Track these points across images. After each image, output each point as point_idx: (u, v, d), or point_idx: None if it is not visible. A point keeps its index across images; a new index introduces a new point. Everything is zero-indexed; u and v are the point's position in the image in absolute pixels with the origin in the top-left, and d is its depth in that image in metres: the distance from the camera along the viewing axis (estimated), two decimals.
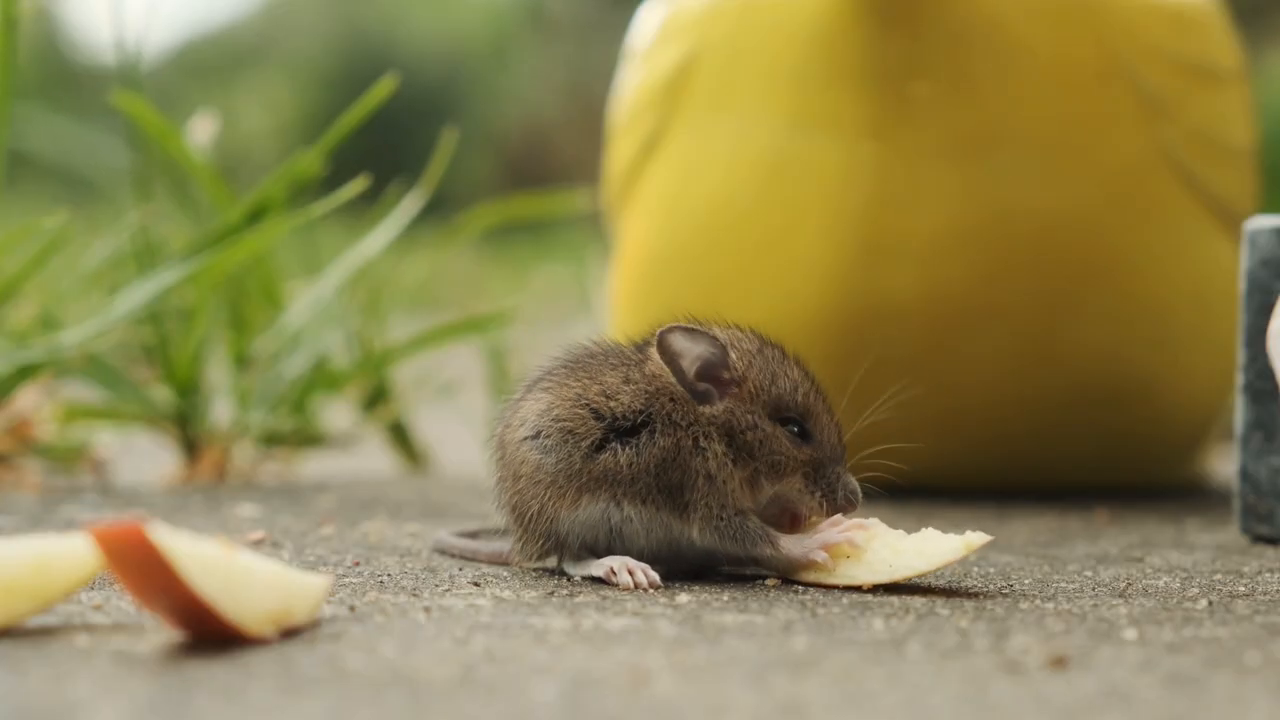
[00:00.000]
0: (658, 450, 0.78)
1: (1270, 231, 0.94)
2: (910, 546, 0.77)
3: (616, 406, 0.79)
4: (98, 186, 2.35)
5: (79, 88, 5.65)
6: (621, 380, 0.79)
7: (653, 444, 0.78)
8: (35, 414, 1.18)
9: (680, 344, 0.79)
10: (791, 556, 0.78)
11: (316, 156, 1.18)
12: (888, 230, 1.10)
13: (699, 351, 0.79)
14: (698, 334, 0.79)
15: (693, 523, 0.78)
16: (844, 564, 0.78)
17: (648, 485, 0.78)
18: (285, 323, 1.23)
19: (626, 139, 1.21)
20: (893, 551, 0.77)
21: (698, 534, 0.79)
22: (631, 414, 0.79)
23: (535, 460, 0.79)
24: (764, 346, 0.80)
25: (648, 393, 0.79)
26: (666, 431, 0.78)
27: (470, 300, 2.45)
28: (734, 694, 0.59)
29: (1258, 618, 0.73)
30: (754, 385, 0.79)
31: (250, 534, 0.94)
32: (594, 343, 0.83)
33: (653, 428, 0.78)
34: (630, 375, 0.79)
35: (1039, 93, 1.11)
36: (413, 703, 0.57)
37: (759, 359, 0.80)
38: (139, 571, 0.64)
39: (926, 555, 0.77)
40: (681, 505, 0.78)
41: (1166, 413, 1.15)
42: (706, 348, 0.79)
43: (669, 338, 0.79)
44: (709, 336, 0.79)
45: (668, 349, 0.79)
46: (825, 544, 0.78)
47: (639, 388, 0.79)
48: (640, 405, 0.79)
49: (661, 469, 0.78)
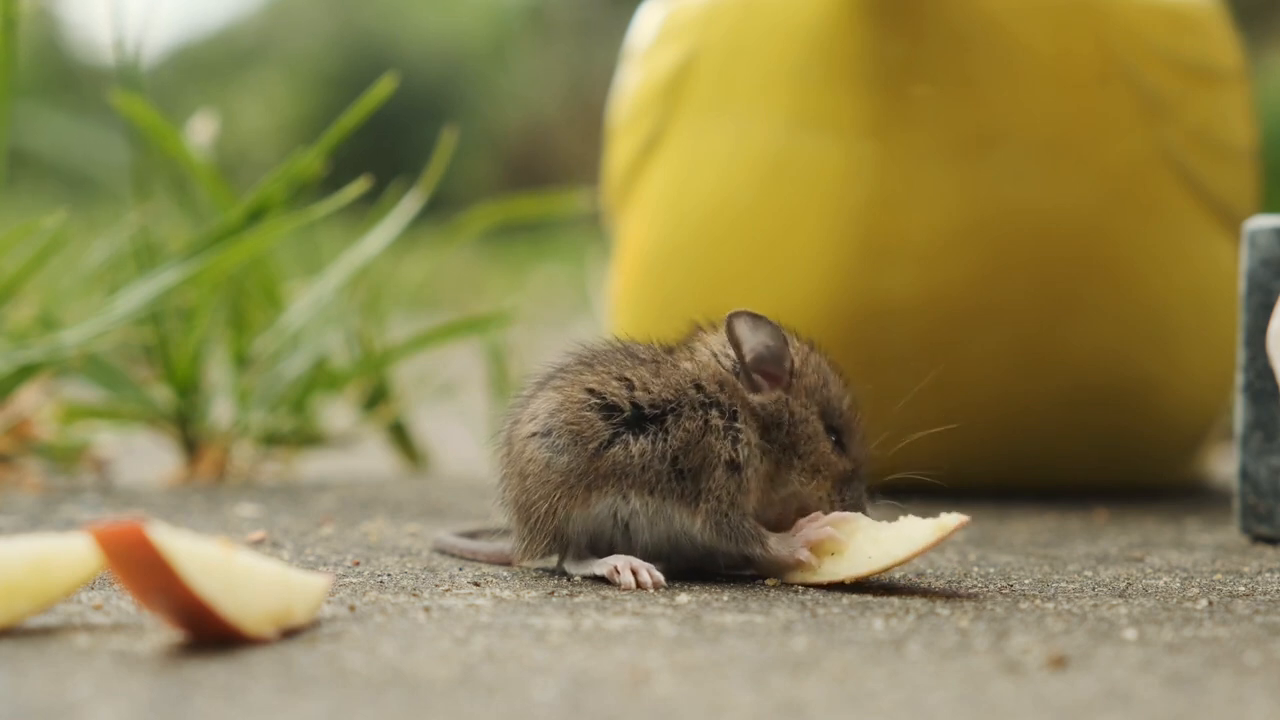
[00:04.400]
0: (682, 433, 0.78)
1: (1270, 231, 0.94)
2: (890, 535, 0.77)
3: (642, 396, 0.79)
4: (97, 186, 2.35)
5: (79, 88, 5.65)
6: (652, 373, 0.80)
7: (677, 427, 0.78)
8: (35, 414, 1.18)
9: (744, 330, 0.80)
10: (779, 557, 0.79)
11: (316, 156, 1.18)
12: (888, 230, 1.10)
13: (761, 338, 0.80)
14: (761, 322, 0.80)
15: (698, 514, 0.78)
16: (828, 560, 0.78)
17: (659, 474, 0.78)
18: (285, 323, 1.23)
19: (626, 139, 1.21)
20: (873, 542, 0.78)
21: (699, 527, 0.79)
22: (661, 403, 0.79)
23: (544, 459, 0.79)
24: (815, 350, 0.82)
25: (679, 385, 0.79)
26: (693, 415, 0.79)
27: (470, 300, 2.45)
28: (734, 694, 0.59)
29: (1258, 618, 0.73)
30: (810, 382, 0.80)
31: (250, 534, 0.94)
32: (609, 340, 0.83)
33: (679, 413, 0.79)
34: (662, 370, 0.80)
35: (1039, 93, 1.11)
36: (413, 703, 0.57)
37: (813, 359, 0.81)
38: (139, 571, 0.64)
39: (905, 541, 0.77)
40: (693, 494, 0.78)
41: (1166, 413, 1.15)
42: (768, 337, 0.80)
43: (735, 321, 0.80)
44: (772, 326, 0.80)
45: (733, 332, 0.79)
46: (808, 542, 0.78)
47: (669, 379, 0.79)
48: (670, 395, 0.79)
49: (683, 452, 0.78)
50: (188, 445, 1.22)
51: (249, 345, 1.24)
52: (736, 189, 1.14)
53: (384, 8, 7.10)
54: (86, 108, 4.82)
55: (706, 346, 0.81)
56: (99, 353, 1.19)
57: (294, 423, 1.26)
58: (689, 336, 0.82)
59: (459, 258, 3.12)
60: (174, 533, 0.64)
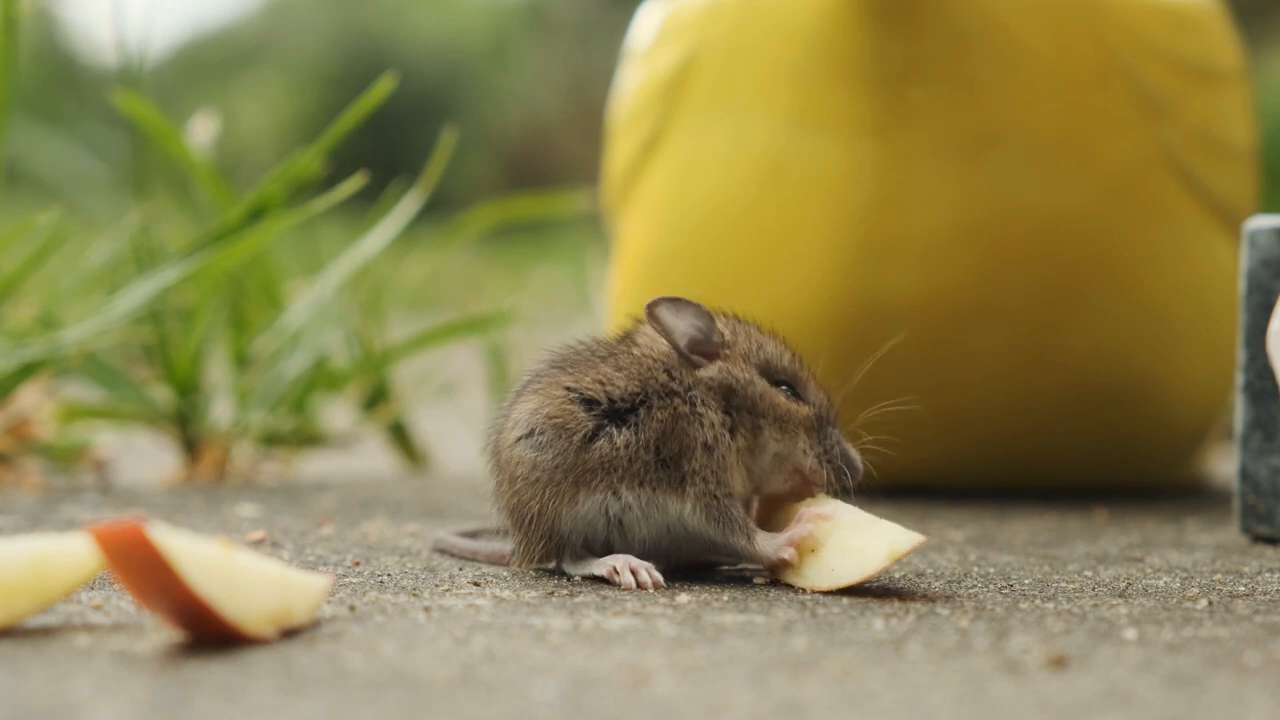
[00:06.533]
0: (656, 424, 0.80)
1: (1270, 231, 0.94)
2: (856, 546, 0.78)
3: (614, 391, 0.80)
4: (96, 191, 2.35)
5: (79, 88, 5.65)
6: (614, 368, 0.81)
7: (650, 418, 0.80)
8: (35, 414, 1.18)
9: (667, 315, 0.81)
10: (763, 553, 0.79)
11: (316, 156, 1.18)
12: (888, 230, 1.10)
13: (687, 319, 0.81)
14: (682, 303, 0.82)
15: (688, 497, 0.79)
16: (806, 560, 0.79)
17: (646, 464, 0.79)
18: (285, 323, 1.23)
19: (626, 139, 1.21)
20: (840, 554, 0.78)
21: (690, 510, 0.79)
22: (629, 395, 0.80)
23: (530, 459, 0.80)
24: (742, 319, 0.84)
25: (640, 372, 0.81)
26: (663, 404, 0.80)
27: (470, 300, 2.45)
28: (734, 694, 0.59)
29: (1258, 618, 0.73)
30: (743, 348, 0.82)
31: (250, 534, 0.94)
32: (578, 342, 0.84)
33: (649, 404, 0.80)
34: (620, 361, 0.81)
35: (1039, 93, 1.11)
36: (413, 703, 0.57)
37: (742, 327, 0.83)
38: (139, 571, 0.64)
39: (862, 564, 0.77)
40: (679, 478, 0.79)
41: (1166, 413, 1.15)
42: (693, 315, 0.82)
43: (657, 309, 0.81)
44: (694, 306, 0.82)
45: (658, 320, 0.81)
46: (792, 540, 0.78)
47: (631, 370, 0.81)
48: (636, 387, 0.80)
49: (662, 441, 0.80)
50: (188, 445, 1.22)
51: (249, 345, 1.24)
52: (736, 189, 1.14)
53: (384, 8, 7.10)
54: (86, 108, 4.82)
55: (645, 335, 0.83)
56: (99, 352, 1.19)
57: (294, 423, 1.26)
58: (629, 330, 0.84)
59: (459, 258, 3.12)
60: (174, 533, 0.64)
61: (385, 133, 5.13)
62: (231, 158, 3.85)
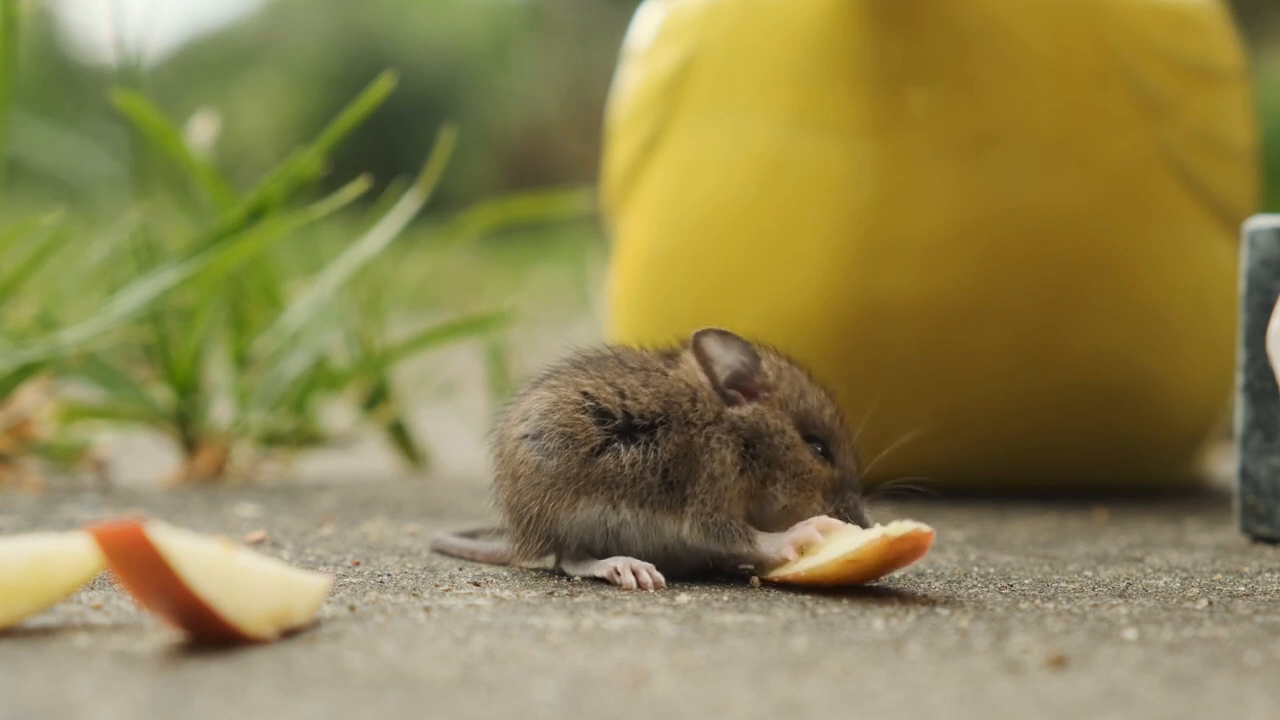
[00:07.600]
0: (671, 446, 0.79)
1: (1270, 231, 0.94)
2: (854, 539, 0.77)
3: (634, 406, 0.79)
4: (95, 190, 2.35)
5: (79, 88, 5.65)
6: (642, 382, 0.80)
7: (666, 441, 0.79)
8: (35, 414, 1.18)
9: (714, 348, 0.80)
10: (766, 555, 0.79)
11: (316, 156, 1.18)
12: (888, 230, 1.10)
13: (733, 355, 0.80)
14: (731, 339, 0.80)
15: (686, 517, 0.79)
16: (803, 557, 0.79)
17: (649, 485, 0.79)
18: (285, 323, 1.23)
19: (626, 139, 1.21)
20: (838, 545, 0.78)
21: (688, 529, 0.79)
22: (650, 414, 0.79)
23: (535, 462, 0.80)
24: (792, 364, 0.82)
25: (667, 394, 0.80)
26: (680, 432, 0.79)
27: (470, 300, 2.45)
28: (734, 694, 0.59)
29: (1258, 618, 0.73)
30: (784, 394, 0.80)
31: (250, 534, 0.94)
32: (607, 346, 0.83)
33: (669, 427, 0.79)
34: (651, 378, 0.80)
35: (1039, 93, 1.11)
36: (413, 703, 0.57)
37: (788, 373, 0.81)
38: (139, 571, 0.64)
39: (858, 540, 0.77)
40: (680, 499, 0.79)
41: (1166, 413, 1.15)
42: (740, 351, 0.80)
43: (704, 340, 0.80)
44: (743, 342, 0.80)
45: (702, 351, 0.80)
46: (795, 541, 0.78)
47: (659, 389, 0.80)
48: (658, 408, 0.79)
49: (672, 464, 0.79)
50: (188, 445, 1.22)
51: (249, 345, 1.24)
52: (736, 189, 1.14)
53: (384, 8, 7.10)
54: (86, 108, 4.82)
55: (687, 361, 0.81)
56: (99, 352, 1.19)
57: (294, 423, 1.26)
58: (674, 350, 0.82)
59: (459, 258, 3.12)
60: (174, 533, 0.64)
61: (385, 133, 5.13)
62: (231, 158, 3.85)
